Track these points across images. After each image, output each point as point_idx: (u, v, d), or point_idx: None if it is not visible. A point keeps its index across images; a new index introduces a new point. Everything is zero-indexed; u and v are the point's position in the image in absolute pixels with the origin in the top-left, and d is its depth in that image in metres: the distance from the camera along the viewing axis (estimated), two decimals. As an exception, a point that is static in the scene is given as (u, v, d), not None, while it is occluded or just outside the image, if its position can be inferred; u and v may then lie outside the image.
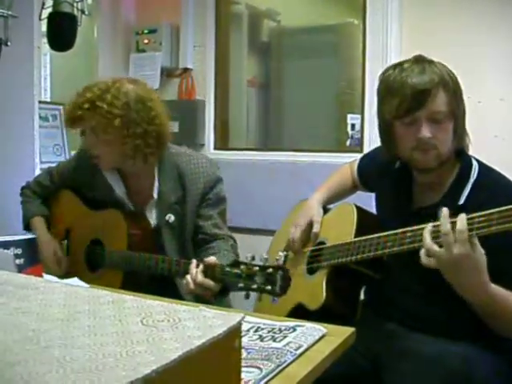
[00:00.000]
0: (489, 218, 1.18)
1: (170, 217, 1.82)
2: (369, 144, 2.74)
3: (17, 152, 2.64)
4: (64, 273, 1.91)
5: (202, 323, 0.67)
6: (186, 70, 3.36)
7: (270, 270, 1.37)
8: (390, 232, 1.42)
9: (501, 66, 2.49)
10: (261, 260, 1.43)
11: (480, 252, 1.21)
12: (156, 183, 1.84)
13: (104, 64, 3.40)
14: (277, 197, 2.82)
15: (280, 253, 1.83)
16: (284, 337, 1.11)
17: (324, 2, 3.71)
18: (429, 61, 1.41)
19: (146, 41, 3.33)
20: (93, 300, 0.76)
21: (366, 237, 1.50)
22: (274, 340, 1.10)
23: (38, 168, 2.77)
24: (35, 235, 1.91)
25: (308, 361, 1.02)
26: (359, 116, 2.96)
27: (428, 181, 1.48)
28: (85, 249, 1.96)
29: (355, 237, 1.56)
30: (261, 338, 1.12)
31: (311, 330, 1.14)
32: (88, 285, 1.44)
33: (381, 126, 1.50)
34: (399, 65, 1.43)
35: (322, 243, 1.69)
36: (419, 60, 1.42)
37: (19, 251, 1.35)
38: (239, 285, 1.41)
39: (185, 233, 1.84)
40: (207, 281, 1.50)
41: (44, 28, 2.46)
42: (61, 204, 2.06)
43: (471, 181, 1.41)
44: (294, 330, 1.15)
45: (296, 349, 1.05)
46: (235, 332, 0.68)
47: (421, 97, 1.35)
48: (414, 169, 1.49)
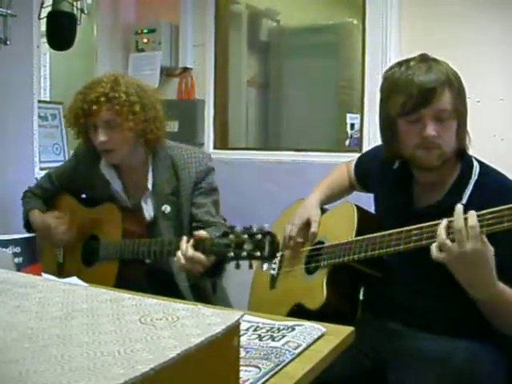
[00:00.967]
0: (500, 215, 1.18)
1: (166, 208, 1.86)
2: (368, 143, 2.74)
3: (16, 151, 2.64)
4: (70, 237, 1.95)
5: (201, 321, 0.67)
6: (186, 70, 3.36)
7: (259, 237, 1.41)
8: (394, 231, 1.42)
9: (500, 66, 2.49)
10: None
11: (489, 249, 1.21)
12: (150, 175, 1.88)
13: (103, 63, 3.40)
14: (276, 196, 2.82)
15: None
16: (283, 336, 1.11)
17: (323, 2, 3.71)
18: (434, 59, 1.41)
19: (146, 40, 3.33)
20: (91, 298, 0.76)
21: (369, 236, 1.49)
22: (273, 339, 1.10)
23: (38, 167, 2.77)
24: (34, 225, 1.93)
25: (307, 360, 1.02)
26: (358, 116, 2.97)
27: (429, 180, 1.47)
28: (81, 245, 1.97)
29: (356, 236, 1.55)
30: (260, 337, 1.12)
31: (310, 329, 1.14)
32: (86, 284, 1.44)
33: (383, 124, 1.49)
34: (405, 62, 1.43)
35: (321, 243, 1.68)
36: (425, 58, 1.41)
37: (18, 250, 1.35)
38: (229, 254, 1.44)
39: (182, 223, 1.86)
40: (197, 254, 1.51)
41: (43, 27, 2.46)
42: (59, 207, 2.07)
43: (472, 181, 1.41)
44: (293, 329, 1.14)
45: (295, 348, 1.05)
46: (234, 330, 0.68)
47: (427, 95, 1.35)
48: (416, 168, 1.49)
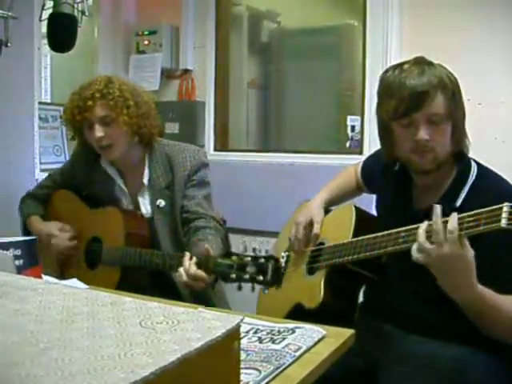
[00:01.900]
0: (477, 218, 1.18)
1: (161, 202, 1.89)
2: (369, 146, 2.74)
3: (17, 153, 2.64)
4: (71, 242, 1.96)
5: (201, 325, 0.67)
6: (186, 71, 3.36)
7: (262, 261, 1.40)
8: (385, 232, 1.42)
9: (501, 68, 2.49)
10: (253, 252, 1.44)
11: (469, 253, 1.21)
12: (146, 170, 1.92)
13: (104, 65, 3.40)
14: (276, 198, 2.82)
15: (282, 253, 1.85)
16: (283, 338, 1.11)
17: (324, 4, 3.71)
18: (429, 62, 1.41)
19: (146, 42, 3.33)
20: (92, 302, 0.76)
21: (363, 237, 1.50)
22: (273, 342, 1.10)
23: (38, 168, 2.77)
24: (33, 234, 1.94)
25: (307, 362, 1.02)
26: (359, 118, 2.96)
27: (426, 183, 1.48)
28: (84, 246, 1.98)
29: (353, 237, 1.56)
30: (260, 340, 1.12)
31: (310, 332, 1.14)
32: (87, 286, 1.44)
33: (379, 127, 1.50)
34: (399, 66, 1.43)
35: (322, 244, 1.69)
36: (419, 61, 1.41)
37: (18, 252, 1.35)
38: (231, 276, 1.44)
39: (176, 217, 1.89)
40: (200, 272, 1.53)
41: (44, 29, 2.46)
42: (60, 203, 2.08)
43: (469, 183, 1.41)
44: (293, 332, 1.14)
45: (295, 350, 1.05)
46: (234, 334, 0.68)
47: (418, 99, 1.35)
48: (412, 171, 1.49)
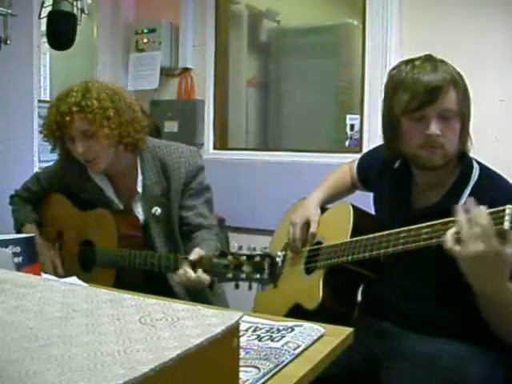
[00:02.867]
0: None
1: (157, 210, 1.84)
2: (368, 144, 2.74)
3: (16, 151, 2.64)
4: (61, 275, 1.91)
5: (201, 322, 0.67)
6: (186, 70, 3.36)
7: (258, 259, 1.39)
8: (386, 232, 1.42)
9: (500, 67, 2.49)
10: (248, 250, 1.44)
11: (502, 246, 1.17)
12: (140, 177, 1.85)
13: (103, 63, 3.40)
14: (276, 197, 2.82)
15: (278, 252, 1.83)
16: (282, 337, 1.11)
17: (324, 3, 3.70)
18: (440, 60, 1.42)
19: (146, 40, 3.33)
20: (91, 298, 0.76)
21: (362, 237, 1.50)
22: (272, 340, 1.10)
23: (37, 166, 2.77)
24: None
25: (306, 361, 1.02)
26: (358, 116, 2.97)
27: (428, 181, 1.47)
28: (77, 249, 1.95)
29: (351, 236, 1.56)
30: (259, 338, 1.12)
31: (309, 330, 1.14)
32: (86, 284, 1.44)
33: (387, 122, 1.49)
34: (410, 62, 1.43)
35: (320, 243, 1.68)
36: (430, 58, 1.42)
37: (18, 249, 1.35)
38: (228, 275, 1.43)
39: (172, 225, 1.85)
40: (199, 274, 1.52)
41: (44, 27, 2.46)
42: (51, 207, 2.04)
43: (471, 183, 1.41)
44: (292, 330, 1.14)
45: (294, 349, 1.05)
46: (233, 331, 0.68)
47: (432, 93, 1.35)
48: (418, 167, 1.48)
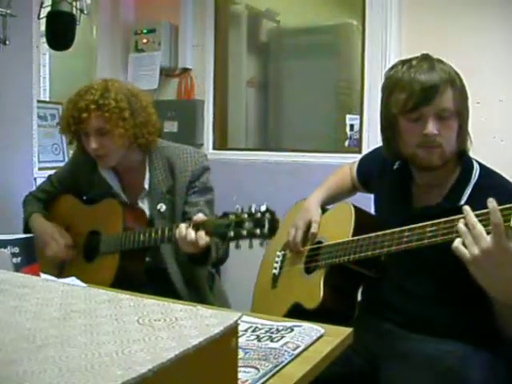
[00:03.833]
0: (487, 217, 1.16)
1: (162, 206, 1.87)
2: (367, 144, 2.74)
3: (15, 151, 2.64)
4: (67, 255, 1.94)
5: (199, 322, 0.67)
6: (185, 70, 3.36)
7: (258, 215, 1.42)
8: (388, 231, 1.42)
9: (500, 67, 2.49)
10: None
11: None
12: (147, 175, 1.90)
13: (103, 64, 3.40)
14: (275, 197, 2.79)
15: (278, 252, 1.83)
16: (281, 337, 1.11)
17: (323, 3, 3.71)
18: (437, 59, 1.41)
19: (145, 40, 3.33)
20: (89, 299, 0.76)
21: (364, 236, 1.50)
22: (272, 340, 1.10)
23: (37, 167, 2.77)
24: (33, 232, 1.93)
25: (306, 361, 1.02)
26: (358, 117, 2.97)
27: (428, 181, 1.47)
28: (83, 241, 1.98)
29: (353, 236, 1.56)
30: (258, 338, 1.12)
31: (309, 330, 1.14)
32: (85, 284, 1.44)
33: (384, 122, 1.49)
34: (407, 61, 1.43)
35: (320, 242, 1.68)
36: (427, 58, 1.42)
37: (16, 250, 1.34)
38: (230, 234, 1.45)
39: (176, 221, 1.86)
40: (199, 234, 1.53)
41: (43, 27, 2.46)
42: (61, 207, 2.08)
43: (472, 182, 1.40)
44: (292, 330, 1.14)
45: (294, 349, 1.05)
46: (232, 331, 0.68)
47: (429, 93, 1.35)
48: (416, 167, 1.48)
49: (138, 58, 3.36)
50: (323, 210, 1.78)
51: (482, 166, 1.45)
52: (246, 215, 1.44)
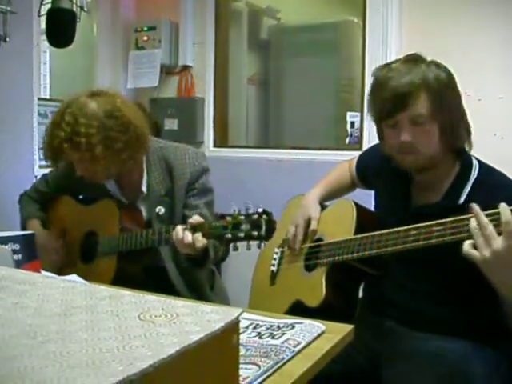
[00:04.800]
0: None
1: (160, 209, 1.84)
2: (368, 142, 2.74)
3: (16, 149, 2.64)
4: (61, 263, 1.93)
5: (200, 318, 0.67)
6: (186, 68, 3.36)
7: (255, 217, 1.42)
8: (393, 230, 1.41)
9: (500, 64, 2.48)
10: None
11: None
12: (145, 177, 1.86)
13: (103, 61, 3.40)
14: (276, 194, 2.81)
15: (276, 249, 1.83)
16: (282, 334, 1.11)
17: (324, 0, 3.71)
18: (418, 60, 1.39)
19: (146, 38, 3.33)
20: (90, 295, 0.76)
21: (367, 234, 1.49)
22: (273, 337, 1.10)
23: (37, 165, 2.77)
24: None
25: (307, 358, 1.02)
26: (358, 114, 2.97)
27: (427, 180, 1.47)
28: (80, 242, 1.97)
29: (355, 234, 1.55)
30: (259, 335, 1.12)
31: (310, 327, 1.14)
32: (86, 282, 1.44)
33: (375, 125, 1.50)
34: (388, 65, 1.42)
35: (320, 240, 1.68)
36: (409, 60, 1.39)
37: (17, 247, 1.34)
38: (227, 236, 1.45)
39: (175, 224, 1.82)
40: (196, 236, 1.52)
41: (43, 24, 2.46)
42: (57, 208, 2.06)
43: (471, 180, 1.39)
44: (293, 327, 1.14)
45: (295, 346, 1.05)
46: (233, 327, 0.68)
47: (401, 100, 1.33)
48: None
49: (139, 56, 3.35)
50: (322, 207, 1.78)
51: (482, 164, 1.44)
52: (243, 217, 1.43)
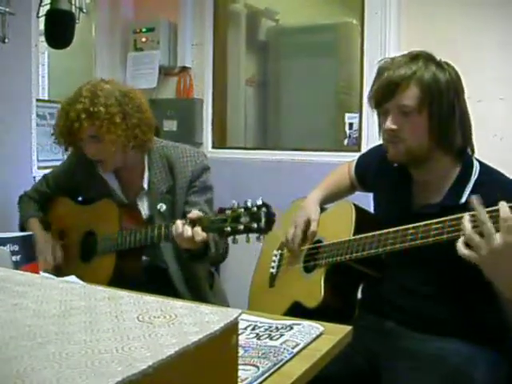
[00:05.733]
0: None
1: (162, 206, 1.87)
2: (366, 143, 2.74)
3: (14, 150, 2.64)
4: (59, 262, 1.94)
5: (199, 319, 0.67)
6: (184, 69, 3.36)
7: (255, 209, 1.44)
8: (391, 229, 1.41)
9: (500, 66, 2.49)
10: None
11: None
12: (146, 174, 1.90)
13: (102, 62, 3.40)
14: (274, 196, 2.80)
15: (275, 251, 1.83)
16: (281, 335, 1.11)
17: (322, 2, 3.71)
18: (423, 57, 1.41)
19: (144, 39, 3.33)
20: (89, 296, 0.76)
21: (366, 234, 1.49)
22: (271, 338, 1.10)
23: (36, 166, 2.77)
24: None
25: (305, 359, 1.02)
26: (357, 115, 2.97)
27: (427, 180, 1.47)
28: (79, 241, 1.97)
29: (354, 235, 1.55)
30: (258, 337, 1.12)
31: (308, 329, 1.14)
32: (84, 283, 1.44)
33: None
34: (393, 58, 1.46)
35: (319, 241, 1.68)
36: (411, 55, 1.43)
37: (16, 248, 1.34)
38: (226, 229, 1.46)
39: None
40: (196, 230, 1.53)
41: (42, 26, 2.46)
42: (56, 209, 2.07)
43: (472, 180, 1.40)
44: (291, 329, 1.14)
45: (293, 347, 1.05)
46: (232, 328, 0.68)
47: (389, 89, 1.39)
48: (389, 162, 1.51)
49: (137, 57, 3.35)
50: (322, 209, 1.78)
51: (482, 164, 1.45)
52: (242, 209, 1.45)
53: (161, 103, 3.32)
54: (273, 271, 1.81)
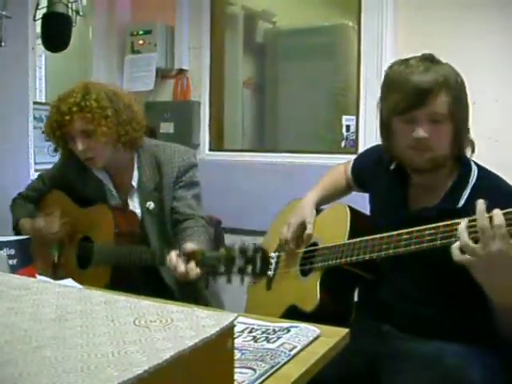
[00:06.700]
0: None
1: (150, 204, 1.89)
2: (364, 145, 2.74)
3: (11, 153, 2.63)
4: (63, 234, 1.95)
5: (195, 323, 0.67)
6: (181, 71, 3.35)
7: (250, 253, 1.43)
8: (385, 234, 1.41)
9: (495, 68, 2.49)
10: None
11: None
12: (135, 173, 1.92)
13: (98, 65, 3.40)
14: (272, 198, 2.81)
15: (272, 254, 1.83)
16: (278, 338, 1.11)
17: (319, 4, 3.71)
18: (436, 60, 1.39)
19: (141, 42, 3.33)
20: (85, 300, 0.76)
21: (361, 238, 1.49)
22: (268, 341, 1.10)
23: (33, 169, 2.76)
24: (25, 234, 1.92)
25: (302, 362, 1.02)
26: (354, 117, 2.96)
27: (425, 183, 1.46)
28: (75, 247, 1.97)
29: (348, 238, 1.55)
30: (255, 339, 1.12)
31: (305, 331, 1.14)
32: (81, 286, 1.43)
33: (380, 122, 1.48)
34: (406, 61, 1.41)
35: (315, 244, 1.68)
36: (427, 58, 1.39)
37: (12, 252, 1.34)
38: (220, 269, 1.46)
39: (164, 218, 1.90)
40: (190, 266, 1.53)
41: (38, 29, 2.46)
42: (52, 204, 2.06)
43: (470, 184, 1.39)
44: (288, 331, 1.14)
45: (290, 350, 1.05)
46: (228, 332, 0.68)
47: (422, 95, 1.32)
48: (408, 168, 1.48)
49: (134, 60, 3.35)
50: (318, 211, 1.78)
51: (480, 168, 1.44)
52: (238, 251, 1.45)
53: (158, 106, 3.32)
54: (270, 274, 1.81)
